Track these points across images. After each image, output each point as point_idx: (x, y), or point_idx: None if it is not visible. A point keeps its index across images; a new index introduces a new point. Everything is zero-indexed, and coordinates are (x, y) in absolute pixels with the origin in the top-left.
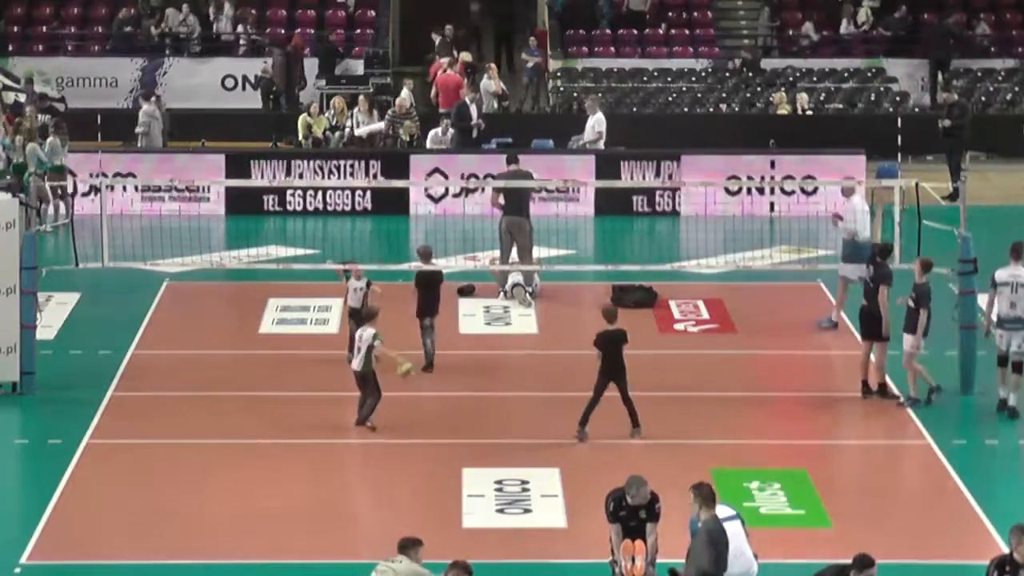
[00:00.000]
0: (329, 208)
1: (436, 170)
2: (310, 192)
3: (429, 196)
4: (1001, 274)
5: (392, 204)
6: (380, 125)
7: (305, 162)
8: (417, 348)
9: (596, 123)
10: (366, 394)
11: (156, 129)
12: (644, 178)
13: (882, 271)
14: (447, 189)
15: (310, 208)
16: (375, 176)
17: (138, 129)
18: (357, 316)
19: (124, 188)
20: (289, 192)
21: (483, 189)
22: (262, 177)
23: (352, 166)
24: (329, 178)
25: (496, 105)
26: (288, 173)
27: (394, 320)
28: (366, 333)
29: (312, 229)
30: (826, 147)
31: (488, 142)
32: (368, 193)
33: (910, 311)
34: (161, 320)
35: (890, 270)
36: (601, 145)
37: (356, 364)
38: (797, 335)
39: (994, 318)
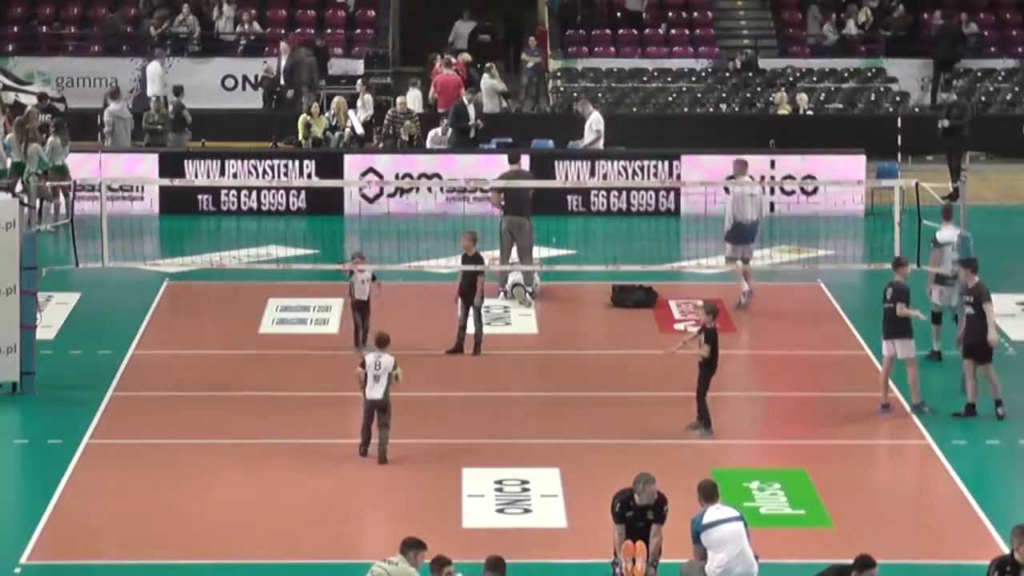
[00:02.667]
0: (264, 208)
1: (370, 170)
2: (244, 192)
3: (363, 196)
4: (942, 235)
5: (326, 204)
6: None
7: (239, 162)
8: (414, 348)
9: (593, 123)
10: (381, 422)
11: (121, 129)
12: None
13: (980, 290)
14: (382, 189)
15: (244, 208)
16: (309, 176)
17: (105, 129)
18: (362, 308)
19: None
20: (223, 192)
21: (417, 189)
22: (196, 177)
23: (286, 166)
24: (263, 178)
25: (503, 103)
26: (222, 173)
27: (396, 319)
28: (385, 361)
29: (247, 229)
30: (826, 147)
31: (488, 142)
32: (303, 193)
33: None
34: (161, 320)
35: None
36: (600, 145)
37: (376, 393)
38: (797, 335)
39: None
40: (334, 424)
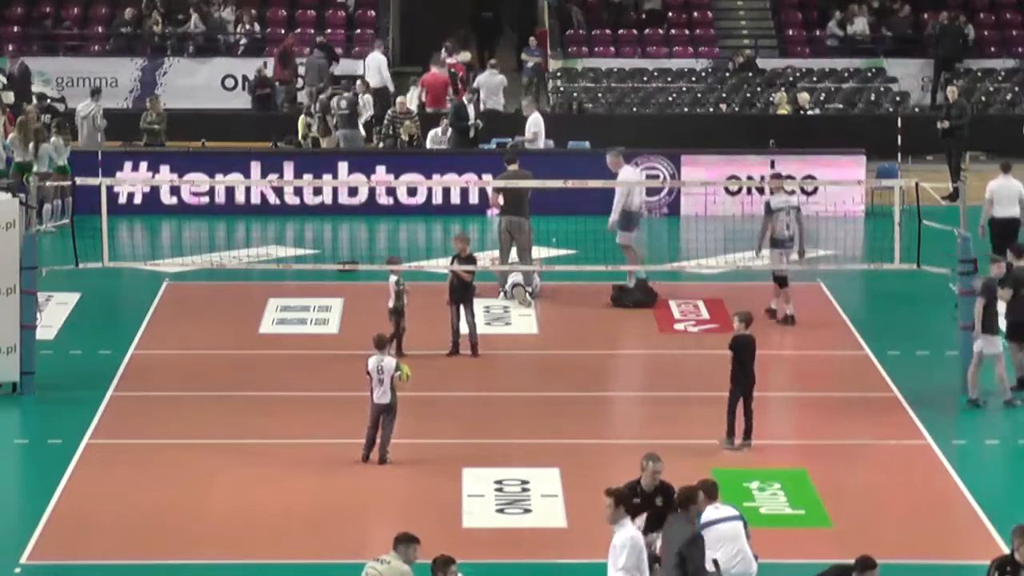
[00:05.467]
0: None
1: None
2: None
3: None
4: (775, 201)
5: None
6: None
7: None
8: (414, 349)
9: (531, 123)
10: (384, 424)
11: (86, 128)
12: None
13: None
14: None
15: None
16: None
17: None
18: (401, 312)
19: None
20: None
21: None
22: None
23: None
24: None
25: (503, 100)
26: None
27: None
28: (386, 364)
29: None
30: (826, 147)
31: (488, 142)
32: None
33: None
34: (161, 320)
35: None
36: (540, 144)
37: (384, 398)
38: (797, 335)
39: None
40: (334, 424)
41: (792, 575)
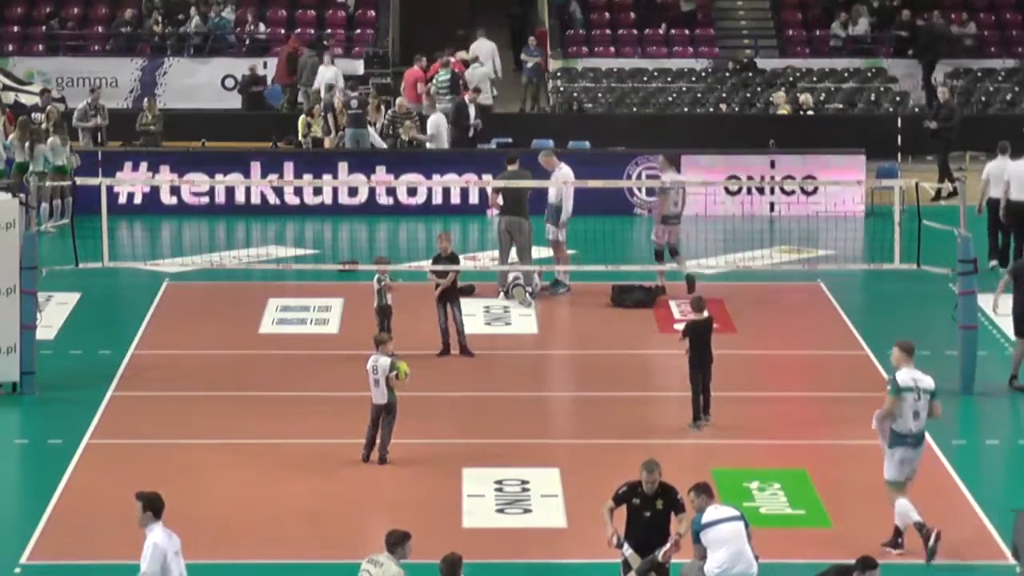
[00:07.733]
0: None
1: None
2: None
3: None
4: (665, 178)
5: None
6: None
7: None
8: (414, 349)
9: (430, 124)
10: (383, 424)
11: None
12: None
13: None
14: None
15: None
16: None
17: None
18: (388, 313)
19: None
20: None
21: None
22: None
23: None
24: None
25: (494, 92)
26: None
27: (395, 319)
28: (381, 363)
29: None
30: (826, 147)
31: (488, 142)
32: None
33: None
34: (161, 320)
35: None
36: (443, 144)
37: (380, 398)
38: (797, 335)
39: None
40: (334, 424)
41: (792, 575)
